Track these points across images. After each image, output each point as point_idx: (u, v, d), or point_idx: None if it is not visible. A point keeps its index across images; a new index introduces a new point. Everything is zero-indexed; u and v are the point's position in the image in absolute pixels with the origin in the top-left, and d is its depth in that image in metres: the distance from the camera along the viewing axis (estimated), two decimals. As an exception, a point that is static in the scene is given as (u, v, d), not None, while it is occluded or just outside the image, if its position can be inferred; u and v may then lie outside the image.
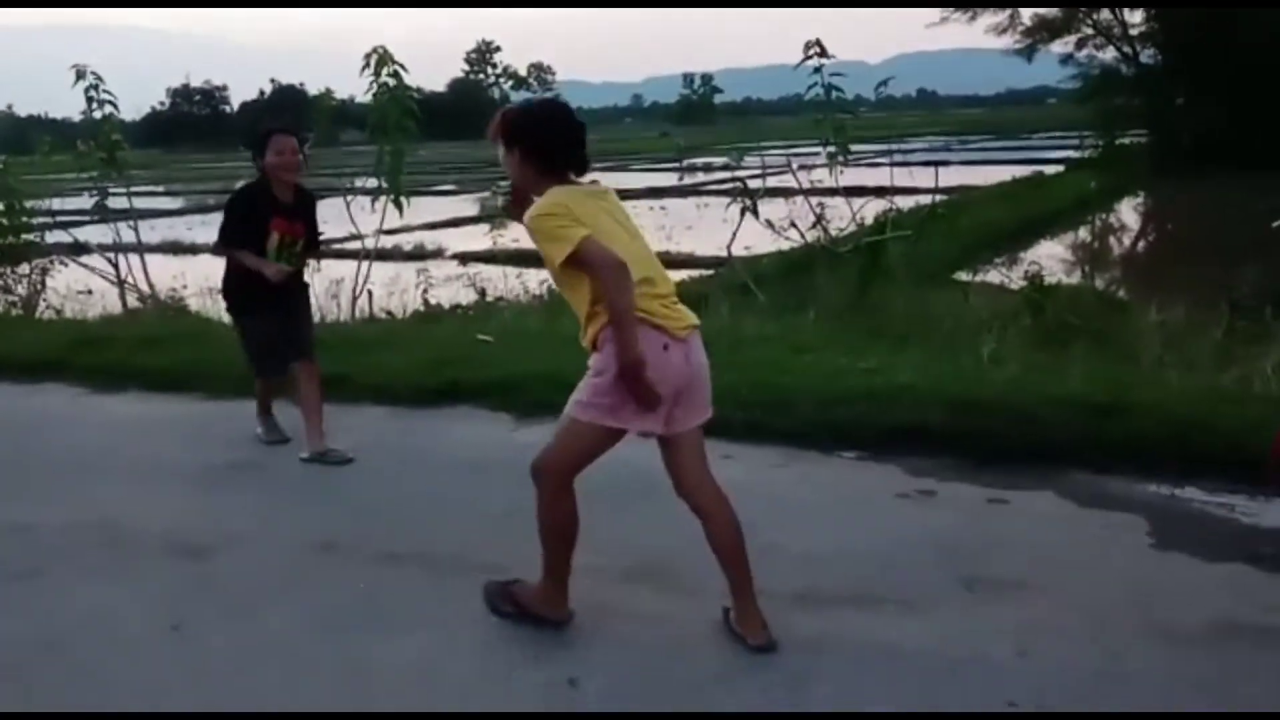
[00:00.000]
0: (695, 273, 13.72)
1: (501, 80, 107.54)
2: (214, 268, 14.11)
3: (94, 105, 8.66)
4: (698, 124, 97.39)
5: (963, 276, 12.83)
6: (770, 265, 9.90)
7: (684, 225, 20.39)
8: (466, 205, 26.30)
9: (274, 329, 4.83)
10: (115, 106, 8.80)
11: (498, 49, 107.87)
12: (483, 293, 9.35)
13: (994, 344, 6.18)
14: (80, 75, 8.49)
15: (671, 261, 15.09)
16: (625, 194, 27.11)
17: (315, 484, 4.56)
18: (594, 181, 3.10)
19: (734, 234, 8.05)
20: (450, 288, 10.56)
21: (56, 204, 10.71)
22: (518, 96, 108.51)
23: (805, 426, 4.72)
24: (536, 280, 10.96)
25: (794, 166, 8.11)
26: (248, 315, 4.91)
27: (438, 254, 16.59)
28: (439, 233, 18.51)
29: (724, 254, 14.90)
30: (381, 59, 7.94)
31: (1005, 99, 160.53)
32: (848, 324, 6.96)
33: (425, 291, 9.61)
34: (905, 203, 10.06)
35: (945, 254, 13.27)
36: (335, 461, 4.76)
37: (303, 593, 3.43)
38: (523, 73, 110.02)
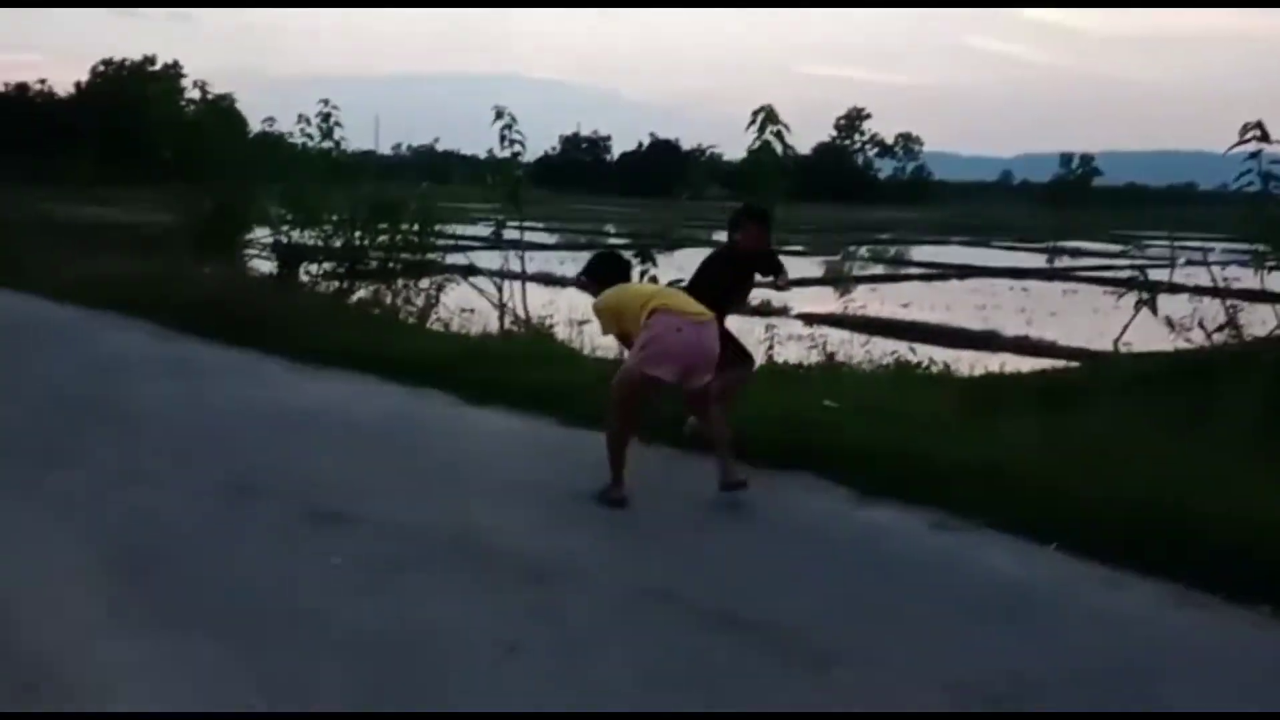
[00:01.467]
0: (1056, 363, 12.63)
1: (867, 147, 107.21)
2: (579, 300, 14.93)
3: (505, 144, 9.50)
4: (1071, 206, 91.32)
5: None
6: (1157, 366, 8.83)
7: (1047, 311, 19.02)
8: (814, 267, 26.26)
9: None
10: (523, 146, 9.62)
11: (867, 116, 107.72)
12: (831, 356, 9.12)
13: None
14: (499, 115, 9.36)
15: (1030, 348, 14.08)
16: (984, 271, 25.88)
17: (660, 527, 4.55)
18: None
19: (1125, 326, 7.23)
20: (794, 347, 10.44)
21: (460, 229, 11.88)
22: (883, 164, 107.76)
23: (1206, 562, 4.03)
24: (885, 349, 10.58)
25: (1208, 260, 7.13)
26: None
27: (783, 312, 16.58)
28: (786, 291, 18.44)
29: (1089, 346, 13.74)
30: (768, 117, 8.01)
31: None
32: (1260, 447, 5.97)
33: (771, 348, 9.54)
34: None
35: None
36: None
37: (636, 640, 3.38)
38: (890, 141, 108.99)
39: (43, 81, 63.82)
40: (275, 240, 12.34)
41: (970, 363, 11.33)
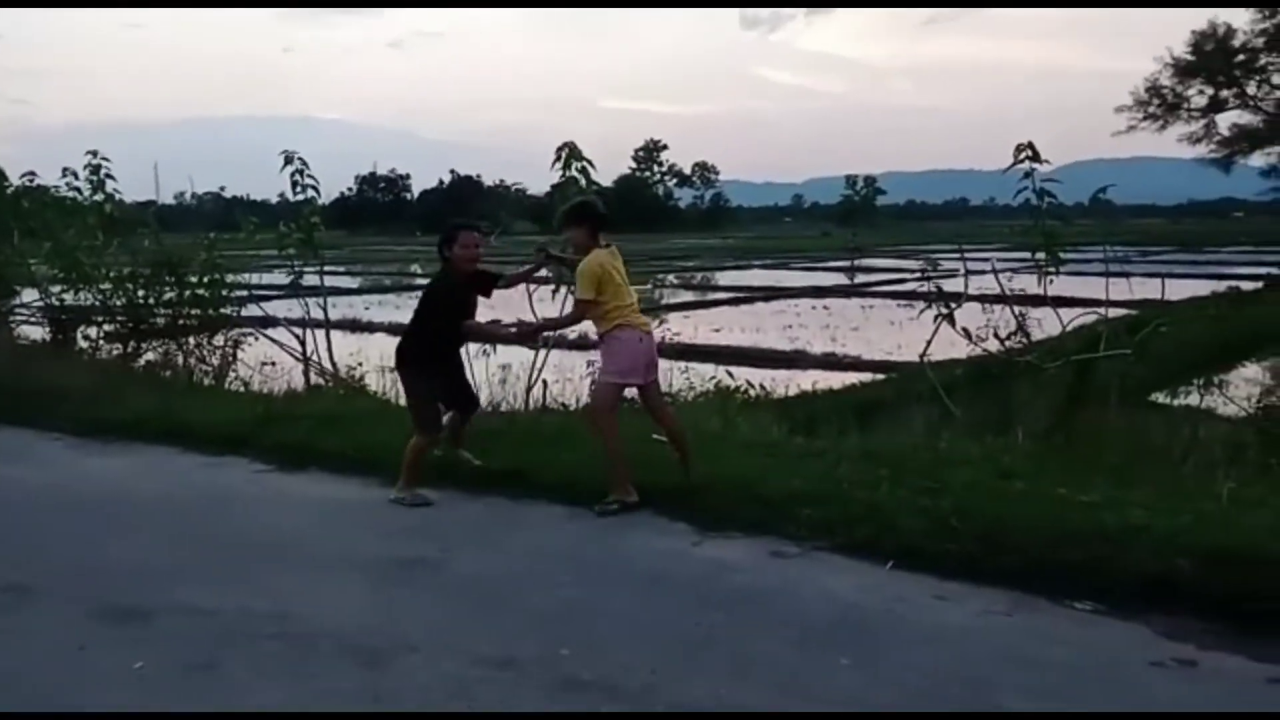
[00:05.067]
0: (864, 376, 13.20)
1: (666, 177, 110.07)
2: (388, 345, 14.40)
3: (297, 189, 9.04)
4: (859, 225, 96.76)
5: (1159, 399, 11.84)
6: (958, 374, 9.33)
7: (849, 326, 19.92)
8: (628, 296, 26.54)
9: (440, 386, 5.69)
10: (317, 191, 9.17)
11: (664, 147, 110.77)
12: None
13: (1232, 483, 5.47)
14: (288, 160, 8.90)
15: (838, 364, 14.66)
16: (787, 292, 26.89)
17: (491, 587, 4.31)
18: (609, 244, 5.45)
19: (929, 341, 7.57)
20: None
21: (254, 278, 11.22)
22: (682, 193, 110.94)
23: (1028, 567, 4.20)
24: (703, 374, 10.70)
25: (996, 270, 7.58)
26: (424, 376, 5.62)
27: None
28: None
29: (891, 358, 14.46)
30: (572, 153, 7.98)
31: (1185, 210, 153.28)
32: (1055, 448, 6.36)
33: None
34: (1088, 318, 9.30)
35: (1143, 374, 12.33)
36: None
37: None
38: (687, 171, 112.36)
39: None
40: (46, 303, 11.27)
41: (784, 382, 11.67)
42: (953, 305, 7.20)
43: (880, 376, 12.83)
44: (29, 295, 11.94)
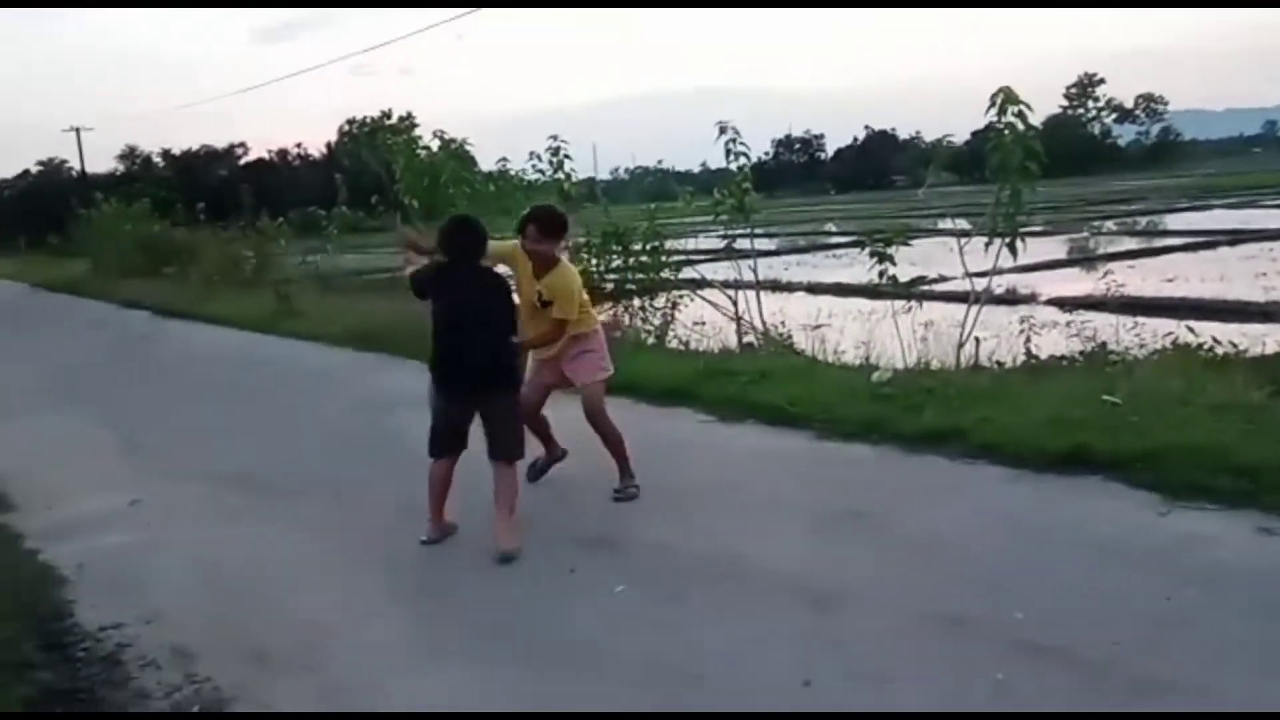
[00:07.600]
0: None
1: (1103, 114, 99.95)
2: (808, 304, 14.56)
3: (730, 156, 9.47)
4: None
5: None
6: None
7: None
8: (1058, 246, 24.58)
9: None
10: (748, 158, 9.55)
11: (1101, 81, 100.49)
12: (1103, 345, 8.43)
13: None
14: (723, 130, 9.35)
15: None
16: (1259, 234, 23.35)
17: (930, 547, 4.30)
18: None
19: None
20: (1051, 336, 9.77)
21: (684, 244, 11.97)
22: (1122, 129, 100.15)
23: None
24: (1156, 330, 9.68)
25: None
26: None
27: (1032, 299, 15.63)
28: (1032, 276, 17.25)
29: None
30: (1008, 98, 7.56)
31: None
32: None
33: (1028, 340, 8.95)
34: None
35: None
36: None
37: (931, 671, 3.18)
38: (1129, 105, 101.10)
39: (299, 145, 70.73)
40: (517, 272, 12.86)
41: (1259, 338, 10.21)
42: None
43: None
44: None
